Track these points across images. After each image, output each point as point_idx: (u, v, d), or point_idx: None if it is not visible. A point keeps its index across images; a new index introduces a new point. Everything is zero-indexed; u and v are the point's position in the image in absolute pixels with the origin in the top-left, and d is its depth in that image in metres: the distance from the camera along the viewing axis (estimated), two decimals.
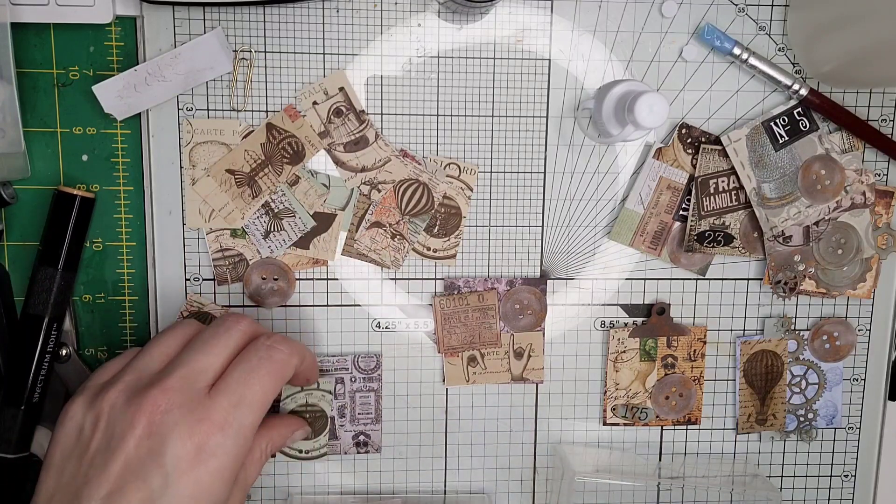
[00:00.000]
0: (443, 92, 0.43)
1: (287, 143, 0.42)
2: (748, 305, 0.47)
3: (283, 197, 0.42)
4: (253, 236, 0.43)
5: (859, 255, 0.46)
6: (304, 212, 0.43)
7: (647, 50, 0.44)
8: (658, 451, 0.48)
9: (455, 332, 0.45)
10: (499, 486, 0.48)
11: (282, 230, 0.43)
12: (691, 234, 0.45)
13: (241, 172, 0.42)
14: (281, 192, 0.42)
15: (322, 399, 0.44)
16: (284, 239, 0.43)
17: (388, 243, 0.43)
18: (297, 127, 0.42)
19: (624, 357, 0.46)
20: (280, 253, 0.43)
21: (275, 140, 0.41)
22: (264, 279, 0.43)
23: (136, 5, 0.41)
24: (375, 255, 0.43)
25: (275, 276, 0.43)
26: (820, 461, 0.49)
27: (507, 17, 0.43)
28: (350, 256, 0.44)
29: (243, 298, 0.44)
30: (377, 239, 0.43)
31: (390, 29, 0.42)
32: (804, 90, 0.43)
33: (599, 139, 0.44)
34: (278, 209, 0.42)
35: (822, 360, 0.48)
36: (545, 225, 0.45)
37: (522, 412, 0.47)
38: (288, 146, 0.42)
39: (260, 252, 0.43)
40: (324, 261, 0.44)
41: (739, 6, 0.43)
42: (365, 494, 0.47)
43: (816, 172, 0.44)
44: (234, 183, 0.42)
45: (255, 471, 0.39)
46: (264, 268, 0.43)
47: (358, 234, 0.43)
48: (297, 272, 0.44)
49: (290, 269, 0.44)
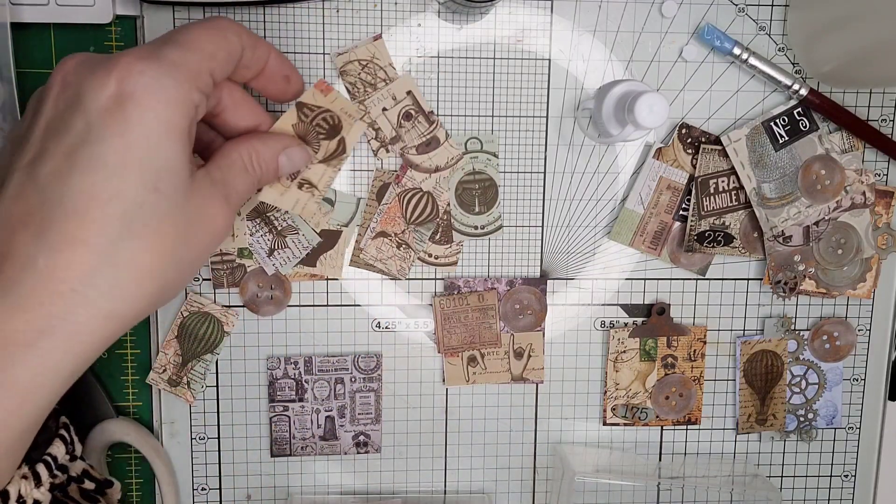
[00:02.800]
0: (443, 92, 0.43)
1: (321, 119, 0.39)
2: (748, 305, 0.47)
3: (287, 215, 0.42)
4: (257, 254, 0.43)
5: (859, 255, 0.46)
6: (308, 229, 0.43)
7: (647, 50, 0.44)
8: (658, 451, 0.48)
9: (455, 332, 0.45)
10: (499, 486, 0.48)
11: (286, 248, 0.43)
12: (691, 234, 0.45)
13: None
14: (284, 210, 0.42)
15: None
16: (289, 256, 0.43)
17: (393, 252, 0.43)
18: (331, 100, 0.39)
19: (624, 357, 0.46)
20: (287, 270, 0.43)
21: (307, 118, 0.39)
22: (260, 287, 0.43)
23: (136, 5, 0.41)
24: (382, 265, 0.44)
25: (271, 285, 0.43)
26: (820, 461, 0.49)
27: (507, 17, 0.43)
28: (358, 268, 0.44)
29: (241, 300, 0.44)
30: (383, 248, 0.43)
31: (390, 29, 0.42)
32: (804, 90, 0.43)
33: (599, 139, 0.44)
34: (281, 227, 0.42)
35: (822, 360, 0.48)
36: (545, 225, 0.45)
37: (522, 412, 0.47)
38: (323, 121, 0.39)
39: (266, 270, 0.43)
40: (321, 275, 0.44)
41: (739, 6, 0.43)
42: (365, 494, 0.47)
43: (816, 172, 0.44)
44: None
45: (241, 183, 0.34)
46: (261, 276, 0.43)
47: (363, 244, 0.43)
48: (295, 283, 0.44)
49: (287, 280, 0.44)
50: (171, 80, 0.29)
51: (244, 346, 0.44)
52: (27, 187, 0.29)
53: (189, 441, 0.45)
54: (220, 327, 0.44)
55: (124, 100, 0.28)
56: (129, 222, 0.29)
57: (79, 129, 0.28)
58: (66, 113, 0.29)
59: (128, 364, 0.44)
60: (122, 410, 0.45)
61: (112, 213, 0.28)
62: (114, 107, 0.28)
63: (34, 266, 0.28)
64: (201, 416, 0.45)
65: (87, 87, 0.29)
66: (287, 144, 0.37)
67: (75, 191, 0.28)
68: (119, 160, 0.28)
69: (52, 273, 0.28)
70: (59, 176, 0.28)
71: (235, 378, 0.45)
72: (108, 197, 0.28)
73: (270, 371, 0.45)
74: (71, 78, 0.30)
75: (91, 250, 0.28)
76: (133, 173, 0.28)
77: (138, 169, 0.29)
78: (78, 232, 0.28)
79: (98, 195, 0.28)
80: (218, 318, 0.44)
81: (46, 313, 0.28)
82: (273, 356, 0.45)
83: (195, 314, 0.43)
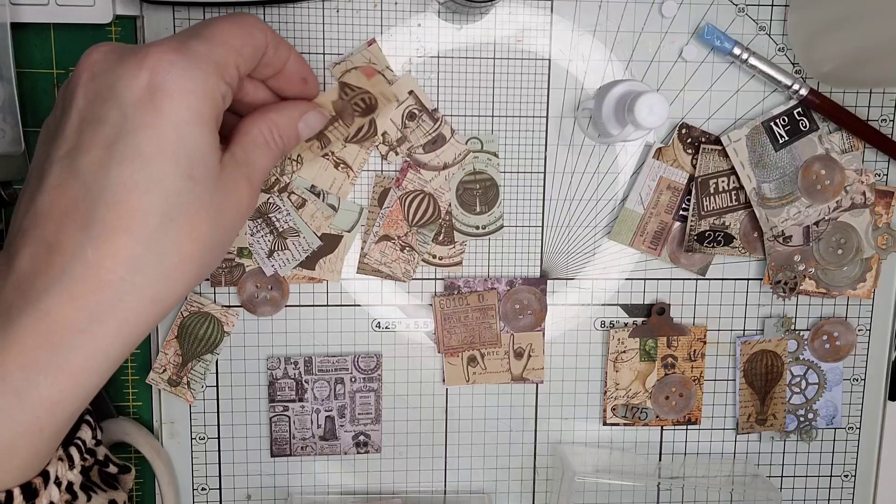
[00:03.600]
0: (443, 92, 0.43)
1: (360, 99, 0.40)
2: (748, 305, 0.47)
3: (289, 217, 0.42)
4: (257, 255, 0.43)
5: (859, 255, 0.46)
6: (309, 231, 0.43)
7: (647, 50, 0.44)
8: (658, 451, 0.48)
9: (455, 332, 0.45)
10: (499, 486, 0.48)
11: (286, 249, 0.43)
12: (691, 234, 0.45)
13: None
14: (286, 213, 0.42)
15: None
16: (289, 258, 0.43)
17: (397, 255, 0.43)
18: (373, 84, 0.41)
19: (624, 357, 0.46)
20: (286, 272, 0.43)
21: (347, 97, 0.40)
22: (258, 287, 0.43)
23: (136, 5, 0.41)
24: (387, 269, 0.44)
25: (269, 286, 0.43)
26: (820, 461, 0.49)
27: (507, 17, 0.43)
28: (365, 274, 0.44)
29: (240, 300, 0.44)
30: (387, 252, 0.43)
31: (390, 29, 0.42)
32: (804, 90, 0.43)
33: (599, 139, 0.44)
34: (283, 228, 0.43)
35: (822, 360, 0.48)
36: (545, 225, 0.45)
37: (522, 412, 0.47)
38: (361, 101, 0.40)
39: (264, 271, 0.43)
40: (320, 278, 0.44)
41: (739, 6, 0.43)
42: (365, 494, 0.47)
43: (816, 172, 0.44)
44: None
45: (264, 158, 0.35)
46: (260, 277, 0.43)
47: (367, 249, 0.43)
48: (293, 284, 0.44)
49: (285, 281, 0.44)
50: (200, 73, 0.30)
51: (244, 346, 0.44)
52: (68, 178, 0.29)
53: (189, 441, 0.45)
54: (220, 327, 0.44)
55: (156, 91, 0.29)
56: (168, 210, 0.30)
57: (114, 120, 0.29)
58: (98, 103, 0.30)
59: (128, 364, 0.44)
60: (122, 410, 0.45)
61: (152, 201, 0.29)
62: (146, 98, 0.29)
63: (83, 256, 0.29)
64: (201, 416, 0.45)
65: (119, 78, 0.29)
66: (304, 110, 0.37)
67: (115, 182, 0.29)
68: (154, 150, 0.29)
69: (100, 262, 0.29)
70: (99, 167, 0.29)
71: (235, 378, 0.45)
72: (147, 186, 0.29)
73: (270, 371, 0.45)
74: (99, 67, 0.30)
75: (136, 239, 0.29)
76: (168, 162, 0.29)
77: (173, 158, 0.30)
78: (121, 222, 0.29)
79: (137, 185, 0.29)
80: (218, 318, 0.44)
81: (97, 300, 0.29)
82: (273, 356, 0.45)
83: (195, 314, 0.43)
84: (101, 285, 0.29)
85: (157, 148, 0.29)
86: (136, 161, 0.29)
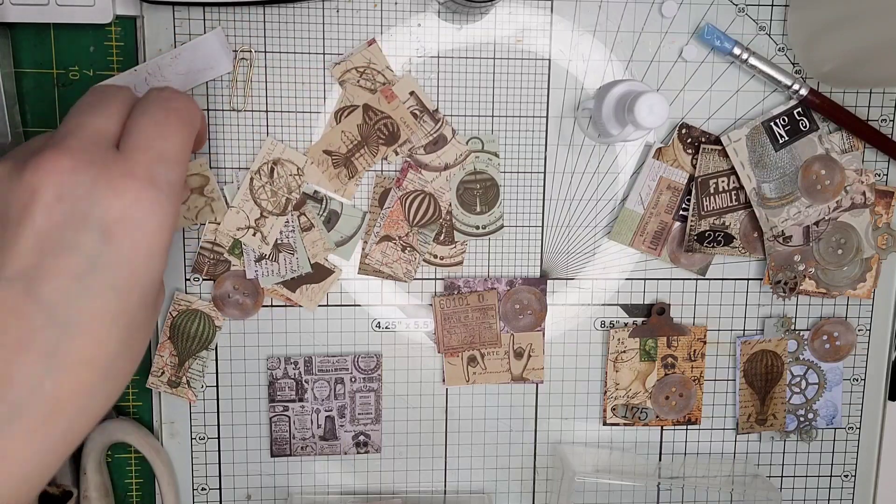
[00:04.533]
0: (443, 92, 0.43)
1: (383, 125, 0.42)
2: (748, 305, 0.47)
3: (292, 234, 0.43)
4: (246, 255, 0.43)
5: (859, 255, 0.46)
6: (304, 255, 0.43)
7: (647, 50, 0.44)
8: (658, 451, 0.48)
9: (455, 332, 0.45)
10: (499, 486, 0.48)
11: (275, 262, 0.43)
12: (691, 234, 0.45)
13: (338, 154, 0.42)
14: (291, 228, 0.42)
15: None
16: (274, 271, 0.43)
17: (398, 255, 0.43)
18: (393, 108, 0.42)
19: (624, 357, 0.46)
20: (266, 284, 0.43)
21: (371, 121, 0.41)
22: (235, 289, 0.43)
23: (136, 5, 0.41)
24: (388, 269, 0.44)
25: (245, 291, 0.43)
26: (820, 461, 0.49)
27: (507, 17, 0.43)
28: (366, 275, 0.44)
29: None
30: (388, 252, 0.43)
31: (390, 29, 0.42)
32: (804, 90, 0.43)
33: (599, 139, 0.44)
34: (281, 242, 0.43)
35: (822, 360, 0.48)
36: (545, 225, 0.45)
37: (522, 412, 0.47)
38: (384, 127, 0.42)
39: (246, 273, 0.43)
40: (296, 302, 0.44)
41: (739, 6, 0.43)
42: (365, 494, 0.47)
43: (816, 172, 0.44)
44: (330, 164, 0.42)
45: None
46: (240, 280, 0.43)
47: (368, 249, 0.43)
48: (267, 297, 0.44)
49: (262, 292, 0.43)
50: (171, 207, 0.30)
51: (244, 346, 0.44)
52: (26, 304, 0.28)
53: (189, 441, 0.45)
54: (211, 322, 0.44)
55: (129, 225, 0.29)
56: (126, 338, 0.30)
57: (88, 251, 0.28)
58: (69, 229, 0.28)
59: None
60: (123, 410, 0.45)
61: (115, 332, 0.30)
62: (122, 232, 0.29)
63: (41, 390, 0.28)
64: (201, 416, 0.45)
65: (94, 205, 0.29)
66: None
67: (86, 315, 0.29)
68: (126, 284, 0.29)
69: (58, 394, 0.28)
70: (67, 297, 0.28)
71: (235, 378, 0.45)
72: (113, 317, 0.29)
73: (270, 371, 0.45)
74: (69, 190, 0.28)
75: (95, 369, 0.29)
76: (136, 295, 0.30)
77: (140, 291, 0.30)
78: (86, 353, 0.29)
79: (103, 316, 0.29)
80: (207, 314, 0.43)
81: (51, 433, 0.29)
82: (273, 356, 0.45)
83: (184, 312, 0.43)
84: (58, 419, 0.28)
85: (130, 282, 0.29)
86: (108, 294, 0.29)
